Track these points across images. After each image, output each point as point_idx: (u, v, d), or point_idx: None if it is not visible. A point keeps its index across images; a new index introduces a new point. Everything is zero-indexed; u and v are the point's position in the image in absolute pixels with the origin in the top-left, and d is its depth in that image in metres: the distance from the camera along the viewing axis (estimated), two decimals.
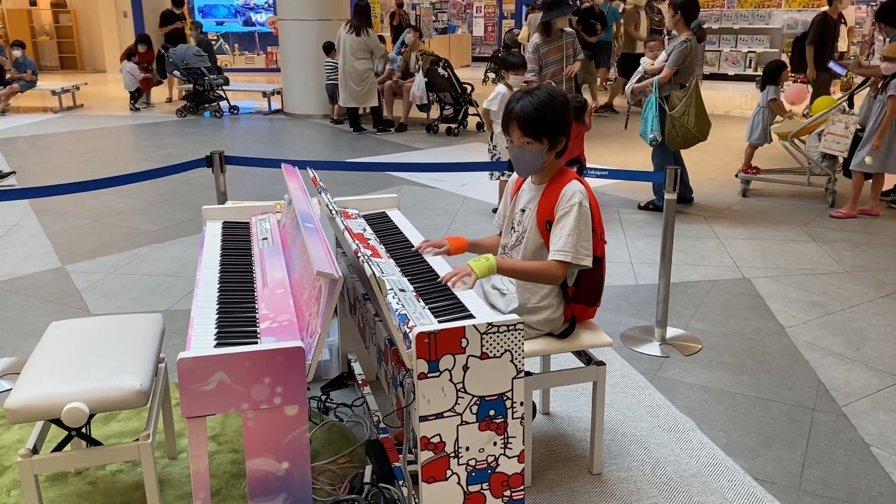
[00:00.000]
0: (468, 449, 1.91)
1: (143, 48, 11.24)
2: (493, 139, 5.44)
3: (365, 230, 2.73)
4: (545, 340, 2.45)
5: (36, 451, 2.07)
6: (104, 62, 16.48)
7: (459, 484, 1.93)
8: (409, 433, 1.97)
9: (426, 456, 1.88)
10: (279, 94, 11.14)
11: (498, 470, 1.95)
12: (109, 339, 2.29)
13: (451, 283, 2.19)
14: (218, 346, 1.90)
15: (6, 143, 8.71)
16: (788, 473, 2.58)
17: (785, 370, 3.32)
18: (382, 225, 2.83)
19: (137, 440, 2.09)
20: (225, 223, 2.90)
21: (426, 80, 9.20)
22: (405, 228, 2.77)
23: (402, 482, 2.20)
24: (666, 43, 6.43)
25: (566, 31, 6.00)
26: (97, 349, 2.22)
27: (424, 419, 1.85)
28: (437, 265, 2.35)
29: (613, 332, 3.68)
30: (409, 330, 1.82)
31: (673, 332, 3.66)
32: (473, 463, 1.92)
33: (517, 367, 1.90)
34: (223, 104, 10.85)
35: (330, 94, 10.07)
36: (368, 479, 2.39)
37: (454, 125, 9.36)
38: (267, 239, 2.68)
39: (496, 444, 1.93)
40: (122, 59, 11.48)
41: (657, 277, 3.54)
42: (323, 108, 10.52)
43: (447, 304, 2.06)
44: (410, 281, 2.22)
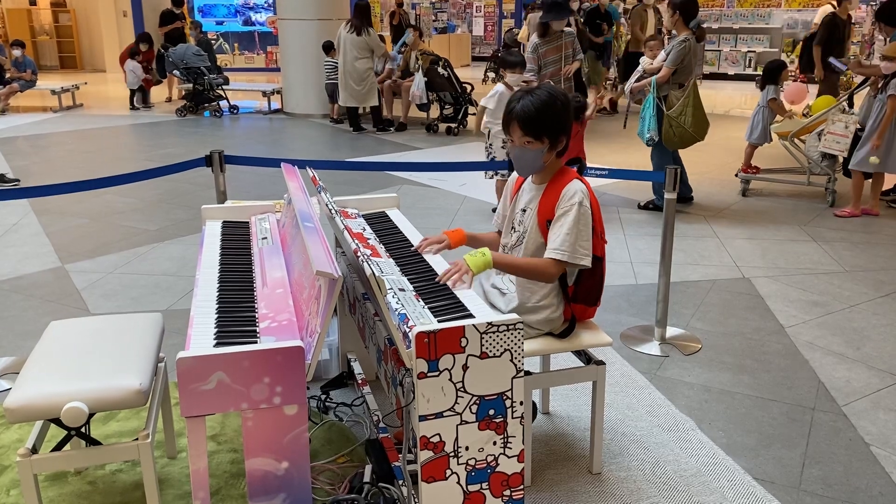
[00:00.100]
0: (468, 448, 1.91)
1: (144, 47, 11.23)
2: (489, 137, 5.43)
3: (364, 230, 2.73)
4: (545, 340, 2.45)
5: (35, 450, 2.07)
6: (104, 62, 16.48)
7: (459, 483, 1.92)
8: (408, 433, 1.97)
9: (426, 455, 1.88)
10: (279, 93, 11.15)
11: (497, 469, 1.95)
12: (109, 338, 2.29)
13: (449, 281, 2.19)
14: (217, 345, 1.90)
15: (6, 142, 8.71)
16: (788, 473, 2.58)
17: (785, 370, 3.32)
18: (382, 224, 2.83)
19: (137, 440, 2.09)
20: (224, 223, 2.90)
21: (426, 79, 9.19)
22: (405, 228, 2.77)
23: (401, 482, 2.20)
24: (666, 42, 6.42)
25: (566, 30, 6.00)
26: (96, 349, 2.22)
27: (424, 419, 1.85)
28: (436, 264, 2.35)
29: (613, 331, 3.68)
30: (408, 329, 1.82)
31: (673, 331, 3.66)
32: (473, 462, 1.92)
33: (517, 366, 1.90)
34: (223, 104, 10.84)
35: (330, 93, 10.07)
36: (368, 478, 2.39)
37: (454, 125, 9.36)
38: (266, 238, 2.68)
39: (496, 443, 1.93)
40: (123, 57, 11.47)
41: (657, 277, 3.54)
42: (323, 107, 10.52)
43: (447, 303, 2.06)
44: (410, 280, 2.22)
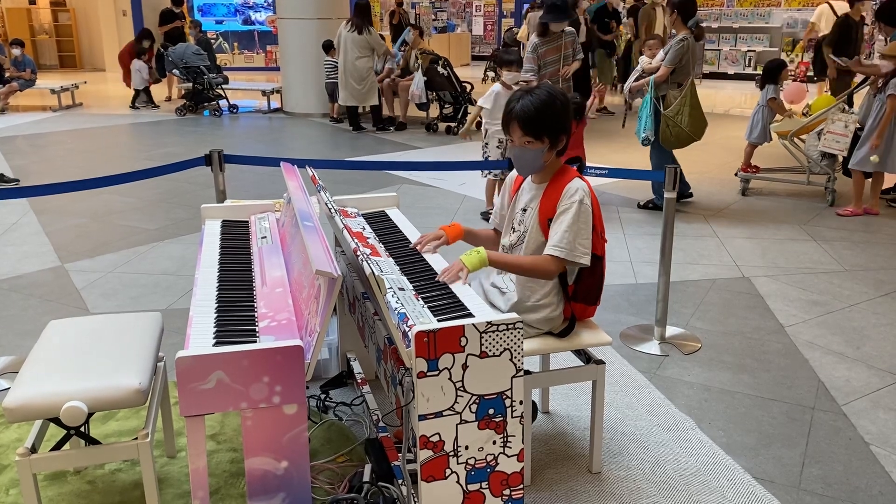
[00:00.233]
0: (467, 448, 1.91)
1: (147, 43, 11.22)
2: (486, 137, 5.43)
3: (364, 229, 2.72)
4: (545, 339, 2.45)
5: (34, 449, 2.06)
6: (103, 61, 16.47)
7: (458, 483, 1.92)
8: (408, 432, 1.97)
9: (425, 455, 1.87)
10: (278, 92, 11.14)
11: (497, 469, 1.95)
12: (108, 337, 2.29)
13: (445, 279, 2.19)
14: (217, 344, 1.90)
15: (5, 141, 8.70)
16: (788, 472, 2.58)
17: (784, 369, 3.32)
18: (381, 224, 2.83)
19: (136, 439, 2.09)
20: (224, 222, 2.90)
21: (425, 78, 9.19)
22: (404, 227, 2.77)
23: (401, 481, 2.20)
24: (666, 42, 6.42)
25: (566, 30, 5.98)
26: (96, 348, 2.21)
27: (424, 418, 1.85)
28: (435, 263, 2.35)
29: (613, 330, 3.68)
30: (408, 329, 1.81)
31: (672, 330, 3.66)
32: (473, 462, 1.92)
33: (516, 365, 1.90)
34: (222, 103, 10.84)
35: (329, 92, 10.07)
36: (368, 477, 2.38)
37: (453, 124, 9.35)
38: (266, 238, 2.67)
39: (495, 442, 1.93)
40: (122, 55, 11.45)
41: (657, 276, 3.53)
42: (322, 106, 10.51)
43: (446, 302, 2.06)
44: (409, 280, 2.22)
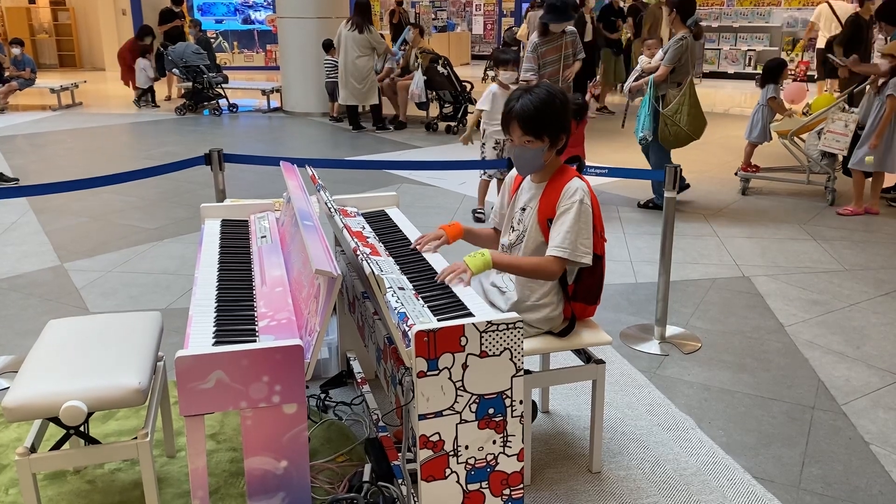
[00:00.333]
0: (467, 447, 1.90)
1: (149, 39, 11.21)
2: (483, 137, 5.42)
3: (364, 228, 2.72)
4: (545, 338, 2.44)
5: (34, 449, 2.06)
6: (103, 60, 16.47)
7: (458, 482, 1.92)
8: (408, 431, 1.96)
9: (425, 454, 1.87)
10: (278, 92, 11.14)
11: (497, 468, 1.95)
12: (108, 337, 2.28)
13: (447, 280, 2.18)
14: (216, 344, 1.89)
15: (5, 141, 8.70)
16: (788, 472, 2.58)
17: (784, 369, 3.31)
18: (381, 223, 2.83)
19: (136, 438, 2.09)
20: (224, 221, 2.89)
21: (425, 78, 9.18)
22: (404, 227, 2.76)
23: (401, 481, 2.20)
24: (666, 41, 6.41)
25: (567, 30, 5.97)
26: (95, 347, 2.21)
27: (423, 417, 1.85)
28: (435, 263, 2.34)
29: (613, 330, 3.68)
30: (408, 328, 1.81)
31: (672, 330, 3.66)
32: (472, 461, 1.92)
33: (516, 365, 1.90)
34: (222, 102, 10.84)
35: (329, 91, 10.06)
36: (367, 477, 2.38)
37: (453, 123, 9.34)
38: (266, 237, 2.67)
39: (495, 442, 1.93)
40: (122, 53, 11.43)
41: (657, 275, 3.53)
42: (322, 105, 10.51)
43: (446, 302, 2.06)
44: (409, 279, 2.22)
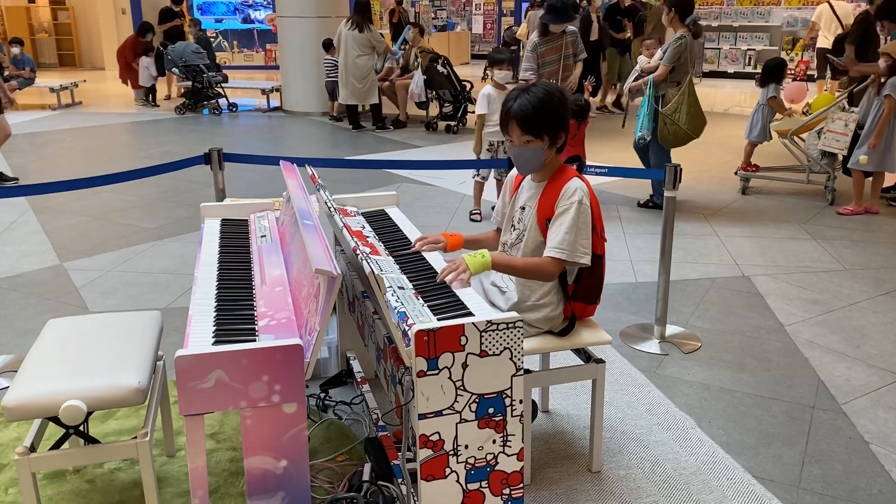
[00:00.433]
0: (467, 447, 1.90)
1: (150, 37, 11.20)
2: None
3: (364, 228, 2.72)
4: (544, 338, 2.44)
5: (33, 448, 2.06)
6: (103, 59, 16.46)
7: (458, 482, 1.92)
8: (408, 431, 1.96)
9: (425, 454, 1.87)
10: (278, 91, 11.13)
11: (497, 468, 1.95)
12: (107, 336, 2.28)
13: (447, 279, 2.18)
14: (216, 343, 1.89)
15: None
16: (788, 471, 2.58)
17: (784, 368, 3.31)
18: (381, 222, 2.82)
19: (135, 438, 2.09)
20: (223, 220, 2.89)
21: (425, 77, 9.18)
22: (404, 226, 2.76)
23: (400, 480, 2.19)
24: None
25: (568, 30, 5.97)
26: (95, 347, 2.21)
27: (423, 417, 1.85)
28: (435, 263, 2.34)
29: (613, 329, 3.68)
30: (408, 328, 1.81)
31: (672, 329, 3.66)
32: (472, 461, 1.92)
33: (516, 364, 1.90)
34: (222, 101, 10.83)
35: (329, 91, 10.06)
36: (367, 477, 2.38)
37: (453, 123, 9.34)
38: (265, 236, 2.67)
39: (495, 441, 1.93)
40: (121, 52, 11.42)
41: (656, 275, 3.53)
42: (322, 105, 10.50)
43: (446, 301, 2.06)
44: (409, 278, 2.22)
